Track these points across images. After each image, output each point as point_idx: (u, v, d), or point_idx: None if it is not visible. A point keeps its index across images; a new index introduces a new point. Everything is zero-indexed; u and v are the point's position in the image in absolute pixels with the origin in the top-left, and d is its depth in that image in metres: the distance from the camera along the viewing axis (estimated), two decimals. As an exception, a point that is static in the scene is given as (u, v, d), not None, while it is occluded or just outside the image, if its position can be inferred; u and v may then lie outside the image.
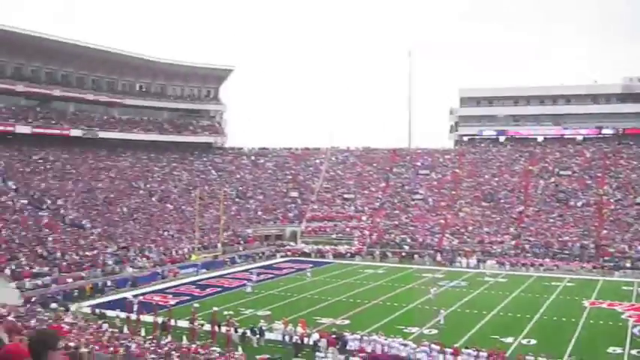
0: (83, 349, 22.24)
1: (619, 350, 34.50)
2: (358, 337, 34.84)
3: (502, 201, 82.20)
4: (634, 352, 34.19)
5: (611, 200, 78.23)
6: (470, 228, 76.71)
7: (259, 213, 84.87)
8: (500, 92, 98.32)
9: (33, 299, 44.66)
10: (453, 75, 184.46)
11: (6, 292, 43.69)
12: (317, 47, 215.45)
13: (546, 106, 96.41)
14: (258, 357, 29.78)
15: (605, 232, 72.04)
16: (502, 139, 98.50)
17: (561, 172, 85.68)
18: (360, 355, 32.05)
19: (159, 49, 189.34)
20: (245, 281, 55.92)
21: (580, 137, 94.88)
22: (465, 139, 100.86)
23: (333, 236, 79.21)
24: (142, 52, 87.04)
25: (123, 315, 39.58)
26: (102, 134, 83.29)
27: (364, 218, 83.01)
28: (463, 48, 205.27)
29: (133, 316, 39.15)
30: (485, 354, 31.42)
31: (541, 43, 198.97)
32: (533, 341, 36.32)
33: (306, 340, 35.10)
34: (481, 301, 49.32)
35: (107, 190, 74.63)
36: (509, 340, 36.60)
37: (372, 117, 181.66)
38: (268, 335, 37.11)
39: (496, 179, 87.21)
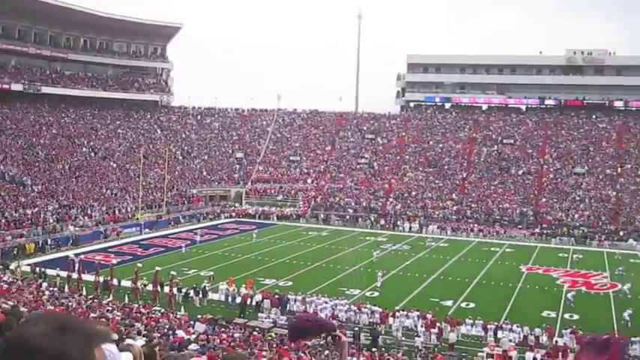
0: (22, 308, 22.01)
1: (553, 314, 35.72)
2: (300, 298, 35.25)
3: (445, 167, 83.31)
4: (566, 315, 35.46)
5: (551, 169, 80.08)
6: (413, 193, 77.69)
7: (204, 173, 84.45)
8: (447, 60, 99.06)
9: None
10: (401, 41, 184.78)
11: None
12: (266, 6, 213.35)
13: (492, 75, 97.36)
14: (200, 317, 29.81)
15: (543, 200, 73.87)
16: (448, 106, 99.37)
17: (504, 141, 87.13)
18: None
19: (104, 4, 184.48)
20: (189, 241, 55.89)
21: (523, 107, 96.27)
22: (412, 105, 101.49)
23: (278, 198, 79.39)
24: (87, 6, 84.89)
25: (64, 274, 39.16)
26: (44, 89, 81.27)
27: (309, 181, 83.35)
28: (413, 13, 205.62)
29: (74, 275, 38.80)
30: (430, 315, 32.10)
31: (489, 13, 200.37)
32: (472, 304, 37.29)
33: (249, 300, 35.32)
34: (422, 264, 50.24)
35: (49, 147, 73.19)
36: (449, 303, 37.52)
37: (319, 80, 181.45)
38: (212, 295, 37.29)
39: (440, 145, 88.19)
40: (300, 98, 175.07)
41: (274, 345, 24.45)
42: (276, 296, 35.27)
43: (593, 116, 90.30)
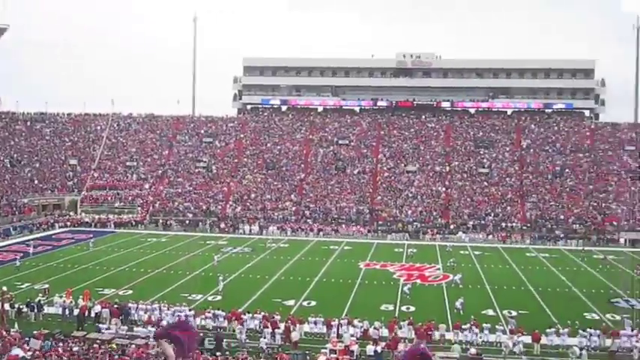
0: None
1: (390, 307, 37.19)
2: (142, 307, 34.61)
3: (284, 169, 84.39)
4: (404, 308, 37.02)
5: (385, 168, 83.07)
6: (253, 195, 78.20)
7: (36, 181, 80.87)
8: (283, 62, 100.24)
9: None
10: (238, 44, 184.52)
11: None
12: (99, 9, 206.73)
13: (326, 78, 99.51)
14: (35, 332, 28.56)
15: (379, 197, 76.59)
16: (284, 108, 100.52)
17: (339, 141, 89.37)
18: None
19: None
20: (21, 253, 53.30)
21: (357, 108, 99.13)
22: (249, 107, 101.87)
23: (115, 205, 77.40)
24: None
25: None
26: None
27: (147, 186, 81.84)
28: (249, 17, 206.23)
29: None
30: (278, 317, 32.40)
31: (324, 17, 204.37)
32: (313, 302, 38.10)
33: (87, 312, 34.20)
34: (264, 266, 50.72)
35: None
36: (291, 302, 38.11)
37: (155, 83, 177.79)
38: (47, 309, 35.78)
39: (278, 147, 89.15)
40: (136, 102, 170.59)
41: (115, 356, 23.91)
42: (116, 306, 34.41)
43: (423, 116, 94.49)
